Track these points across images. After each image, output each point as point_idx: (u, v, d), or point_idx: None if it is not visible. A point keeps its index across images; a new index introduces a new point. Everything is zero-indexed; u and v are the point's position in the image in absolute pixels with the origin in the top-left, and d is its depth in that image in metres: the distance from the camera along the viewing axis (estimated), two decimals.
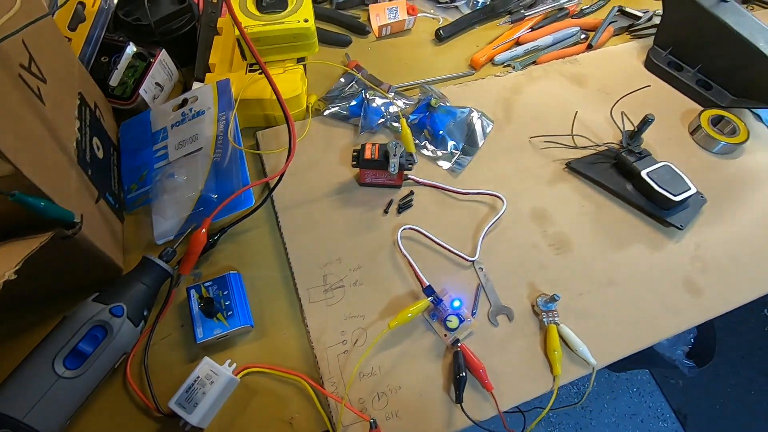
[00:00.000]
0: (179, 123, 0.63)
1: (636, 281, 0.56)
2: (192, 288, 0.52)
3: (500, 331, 0.52)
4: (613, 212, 0.62)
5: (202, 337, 0.49)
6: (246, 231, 0.59)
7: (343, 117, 0.68)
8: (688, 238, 0.60)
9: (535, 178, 0.64)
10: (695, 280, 0.57)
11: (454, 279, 0.55)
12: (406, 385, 0.48)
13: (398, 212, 0.60)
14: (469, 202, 0.61)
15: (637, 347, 0.51)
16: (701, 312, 0.54)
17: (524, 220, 0.60)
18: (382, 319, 0.52)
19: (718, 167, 0.67)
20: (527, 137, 0.68)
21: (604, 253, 0.58)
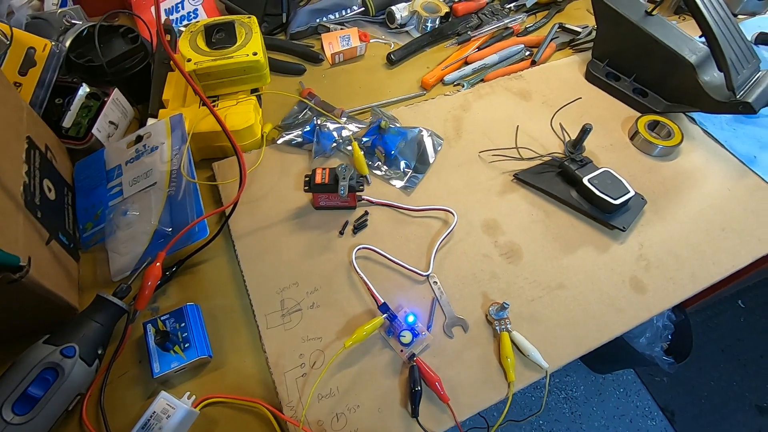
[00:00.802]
0: (133, 159, 0.63)
1: (584, 284, 0.58)
2: (148, 322, 0.52)
3: (456, 343, 0.53)
4: (561, 218, 0.64)
5: (158, 371, 0.49)
6: (203, 261, 0.60)
7: (297, 144, 0.70)
8: (632, 238, 0.63)
9: (486, 190, 0.67)
10: (640, 279, 0.59)
11: (410, 294, 0.57)
12: (364, 404, 0.49)
13: (354, 233, 0.61)
14: (422, 218, 0.63)
15: (587, 348, 0.53)
16: (646, 309, 0.57)
17: (476, 232, 0.62)
18: (340, 339, 0.53)
19: (657, 169, 0.71)
20: (476, 152, 0.71)
21: (553, 259, 0.60)
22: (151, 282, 0.53)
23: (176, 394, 0.49)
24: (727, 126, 0.77)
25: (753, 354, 1.71)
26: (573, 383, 1.61)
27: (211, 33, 0.67)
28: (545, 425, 1.50)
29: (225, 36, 0.67)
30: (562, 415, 1.53)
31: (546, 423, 1.50)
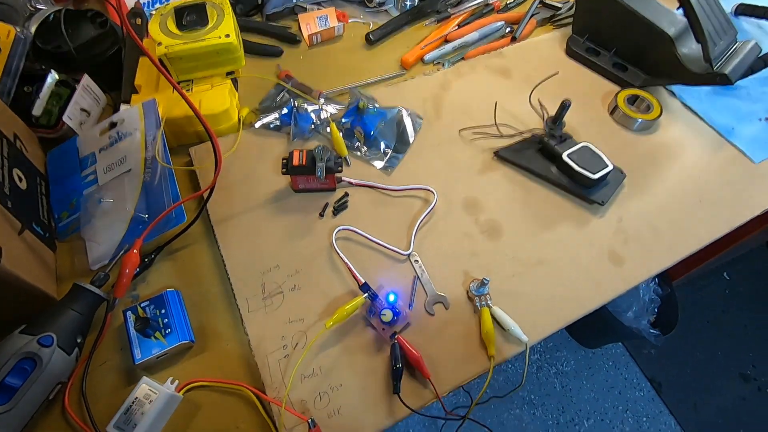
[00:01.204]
0: (107, 147, 0.62)
1: (564, 258, 0.59)
2: (128, 310, 0.52)
3: (437, 320, 0.54)
4: (541, 195, 0.65)
5: (140, 357, 0.49)
6: (183, 248, 0.59)
7: (276, 127, 0.69)
8: (611, 212, 0.63)
9: (466, 169, 0.67)
10: (618, 252, 0.60)
11: (391, 274, 0.57)
12: (347, 383, 0.49)
13: (334, 214, 0.61)
14: (402, 198, 0.63)
15: (566, 321, 0.54)
16: (623, 281, 0.57)
17: (456, 210, 0.63)
18: (322, 320, 0.53)
19: (637, 143, 0.71)
20: (457, 131, 0.70)
21: (533, 235, 0.61)
22: (128, 269, 0.53)
23: (159, 380, 0.49)
24: (705, 98, 0.77)
25: (737, 324, 1.75)
26: (563, 358, 1.64)
27: (181, 15, 0.65)
28: (536, 399, 1.53)
29: (196, 18, 0.65)
30: (553, 390, 1.56)
31: (537, 398, 1.54)
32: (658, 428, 1.52)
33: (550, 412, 1.53)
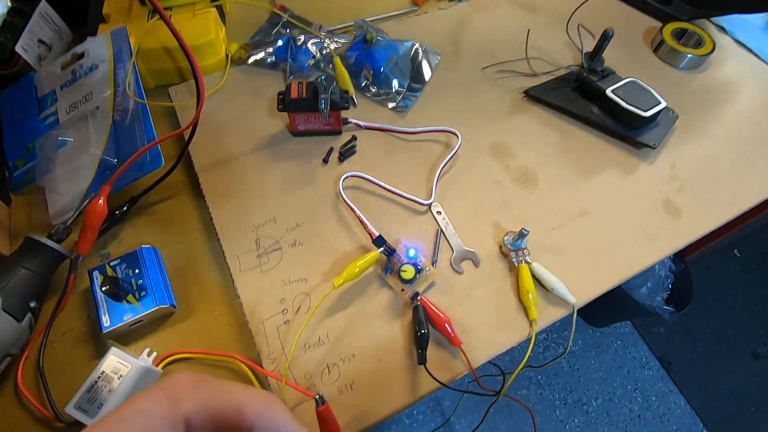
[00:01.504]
0: (70, 83, 0.53)
1: (610, 209, 0.50)
2: (94, 269, 0.43)
3: (465, 279, 0.45)
4: (580, 138, 0.55)
5: (108, 325, 0.40)
6: (163, 201, 0.50)
7: (270, 64, 0.59)
8: (662, 158, 0.54)
9: (492, 111, 0.57)
10: (674, 201, 0.51)
11: (409, 227, 0.48)
12: (360, 353, 0.41)
13: (340, 161, 0.52)
14: (419, 142, 0.54)
15: (619, 279, 0.46)
16: (683, 234, 0.49)
17: (483, 156, 0.53)
18: (328, 280, 0.44)
19: (686, 82, 0.62)
20: (479, 69, 0.61)
21: (573, 183, 0.52)
22: (93, 221, 0.44)
23: (135, 351, 0.41)
24: (761, 35, 0.68)
25: (748, 302, 1.70)
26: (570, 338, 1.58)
27: None
28: (543, 380, 1.48)
29: None
30: (560, 369, 1.51)
31: (544, 378, 1.48)
32: (667, 407, 1.47)
33: (558, 392, 1.47)
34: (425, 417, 1.47)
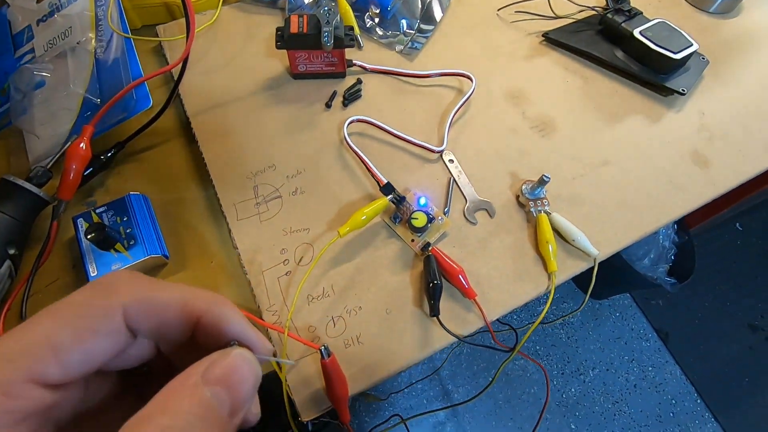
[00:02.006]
0: (46, 17, 0.48)
1: (635, 158, 0.47)
2: (79, 217, 0.40)
3: (480, 230, 0.42)
4: (603, 84, 0.51)
5: (96, 275, 0.37)
6: (153, 146, 0.46)
7: (267, 2, 0.54)
8: (690, 105, 0.50)
9: (508, 55, 0.53)
10: (702, 152, 0.48)
11: (419, 176, 0.45)
12: (367, 305, 0.38)
13: (344, 105, 0.48)
14: (430, 87, 0.50)
15: (644, 231, 0.42)
16: (712, 185, 0.46)
17: (498, 102, 0.50)
18: (332, 230, 0.41)
19: (716, 28, 0.57)
20: (494, 10, 0.56)
21: (595, 131, 0.48)
22: (75, 164, 0.40)
23: None
24: None
25: (748, 275, 1.69)
26: (569, 309, 1.58)
27: None
28: (541, 350, 1.48)
29: None
30: (558, 340, 1.51)
31: (542, 348, 1.48)
32: (663, 377, 1.48)
33: (555, 362, 1.48)
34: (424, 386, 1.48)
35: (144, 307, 0.17)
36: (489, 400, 1.49)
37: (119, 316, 0.17)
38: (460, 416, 1.49)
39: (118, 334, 0.17)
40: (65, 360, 0.16)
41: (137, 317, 0.17)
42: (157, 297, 0.17)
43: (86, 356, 0.16)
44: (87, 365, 0.16)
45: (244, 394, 0.16)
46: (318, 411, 0.34)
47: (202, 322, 0.18)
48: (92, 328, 0.16)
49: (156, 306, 0.17)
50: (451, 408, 1.42)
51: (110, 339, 0.17)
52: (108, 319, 0.16)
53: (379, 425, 0.40)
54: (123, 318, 0.17)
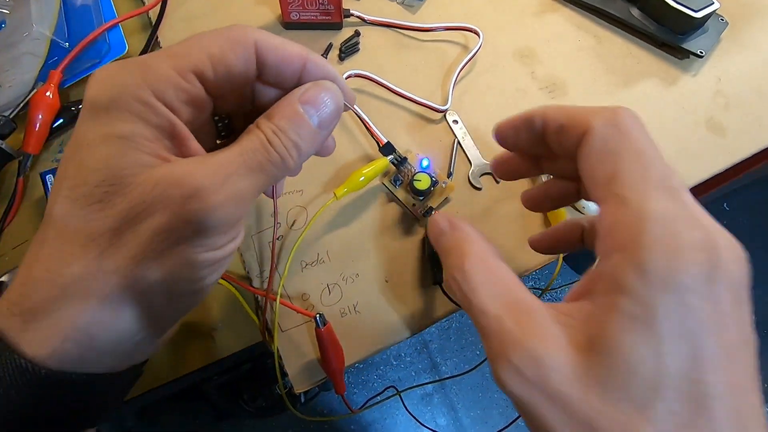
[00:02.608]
0: None
1: (649, 123, 0.42)
2: (48, 173, 0.36)
3: (485, 195, 0.39)
4: (616, 45, 0.48)
5: None
6: None
7: None
8: (707, 70, 0.48)
9: (516, 11, 0.49)
10: (718, 119, 0.45)
11: (421, 137, 0.42)
12: (366, 272, 0.36)
13: (340, 59, 0.44)
14: (433, 42, 0.46)
15: None
16: (728, 154, 0.44)
17: (505, 60, 0.46)
18: (327, 192, 0.38)
19: None
20: None
21: (608, 94, 0.45)
22: (42, 114, 0.36)
23: None
24: None
25: None
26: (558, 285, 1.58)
27: None
28: None
29: None
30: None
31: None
32: None
33: None
34: (413, 359, 1.48)
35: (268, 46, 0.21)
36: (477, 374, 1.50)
37: (252, 47, 0.21)
38: (447, 388, 1.50)
39: (249, 61, 0.21)
40: (215, 66, 0.20)
41: (264, 53, 0.21)
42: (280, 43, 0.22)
43: (227, 69, 0.21)
44: (227, 79, 0.21)
45: (328, 114, 0.22)
46: (312, 382, 0.32)
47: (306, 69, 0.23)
48: (233, 50, 0.20)
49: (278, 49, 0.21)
50: (445, 380, 1.44)
51: (245, 62, 0.21)
52: (244, 46, 0.21)
53: (374, 397, 0.38)
54: (254, 50, 0.21)
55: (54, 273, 0.18)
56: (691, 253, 0.17)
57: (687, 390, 0.17)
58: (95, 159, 0.18)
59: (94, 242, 0.18)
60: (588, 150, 0.20)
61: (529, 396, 0.18)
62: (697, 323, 0.17)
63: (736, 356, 0.17)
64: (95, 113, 0.19)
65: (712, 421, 0.16)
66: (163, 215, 0.18)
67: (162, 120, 0.19)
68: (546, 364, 0.18)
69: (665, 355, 0.17)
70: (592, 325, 0.18)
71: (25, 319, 0.18)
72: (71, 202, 0.18)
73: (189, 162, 0.19)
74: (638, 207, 0.18)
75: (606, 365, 0.17)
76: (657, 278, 0.17)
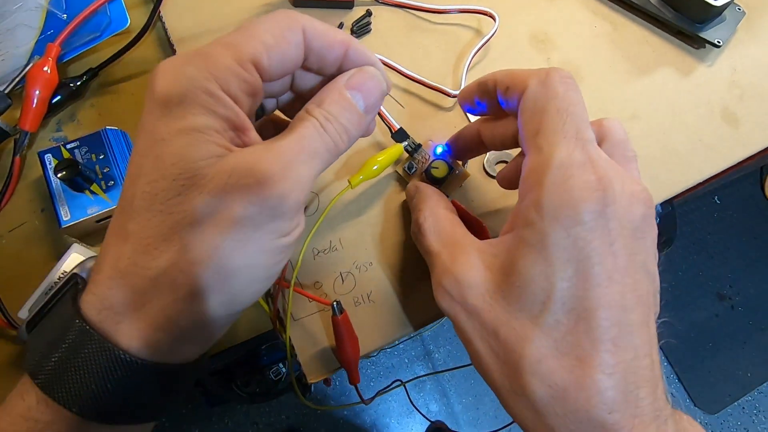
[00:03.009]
0: None
1: (664, 114, 0.44)
2: (47, 152, 0.34)
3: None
4: (633, 32, 0.47)
5: (68, 219, 0.33)
6: (131, 77, 0.41)
7: None
8: (722, 60, 0.47)
9: None
10: (733, 110, 0.45)
11: (433, 123, 0.40)
12: (380, 260, 0.35)
13: None
14: (447, 25, 0.45)
15: (671, 191, 0.40)
16: (742, 146, 0.43)
17: (522, 45, 0.45)
18: (339, 179, 0.37)
19: None
20: None
21: (624, 82, 0.45)
22: (39, 89, 0.34)
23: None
24: None
25: (721, 246, 1.74)
26: None
27: None
28: None
29: None
30: None
31: None
32: None
33: None
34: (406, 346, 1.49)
35: (315, 33, 0.22)
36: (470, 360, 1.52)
37: (302, 34, 0.21)
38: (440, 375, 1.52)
39: (300, 48, 0.22)
40: (270, 54, 0.21)
41: (310, 39, 0.22)
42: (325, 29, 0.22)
43: (282, 57, 0.21)
44: (281, 67, 0.21)
45: (373, 98, 0.24)
46: (325, 372, 0.31)
47: (348, 55, 0.23)
48: (286, 37, 0.21)
49: (323, 35, 0.22)
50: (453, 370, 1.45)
51: (296, 49, 0.22)
52: (295, 33, 0.21)
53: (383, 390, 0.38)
54: (303, 36, 0.22)
55: (142, 267, 0.19)
56: (582, 192, 0.21)
57: (571, 304, 0.20)
58: (171, 153, 0.19)
59: (177, 234, 0.19)
60: (523, 106, 0.23)
61: (454, 311, 0.23)
62: (583, 250, 0.20)
63: (621, 280, 0.21)
64: (167, 107, 0.19)
65: (591, 328, 0.20)
66: (240, 204, 0.19)
67: (228, 111, 0.20)
68: (464, 284, 0.23)
69: (553, 275, 0.21)
70: (506, 253, 0.23)
71: (117, 311, 0.19)
72: (151, 197, 0.19)
73: (255, 150, 0.20)
74: (547, 155, 0.22)
75: (509, 283, 0.22)
76: (550, 213, 0.21)
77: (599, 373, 0.19)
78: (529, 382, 0.20)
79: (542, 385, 0.20)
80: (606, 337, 0.20)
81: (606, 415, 0.19)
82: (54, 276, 0.30)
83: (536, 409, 0.20)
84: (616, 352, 0.20)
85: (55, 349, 0.19)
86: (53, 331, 0.20)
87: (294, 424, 1.34)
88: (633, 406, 0.20)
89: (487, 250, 0.24)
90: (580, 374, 0.20)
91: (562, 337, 0.20)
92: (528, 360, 0.20)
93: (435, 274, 0.25)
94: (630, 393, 0.20)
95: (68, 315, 0.20)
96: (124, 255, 0.19)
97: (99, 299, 0.20)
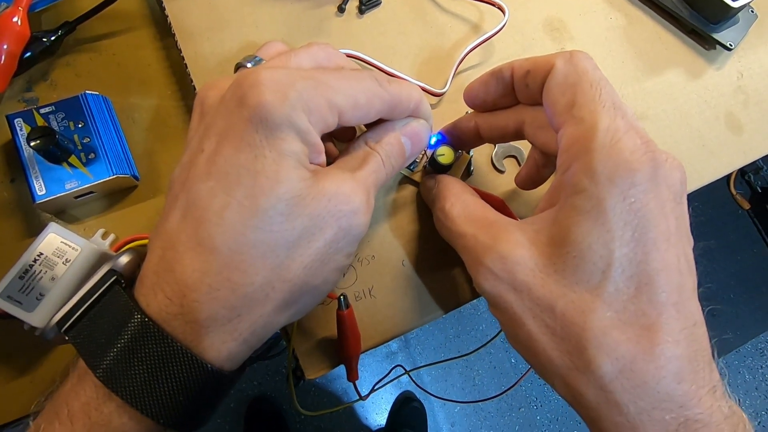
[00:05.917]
0: None
1: (672, 115, 0.43)
2: (17, 116, 0.31)
3: (508, 178, 0.37)
4: (646, 27, 0.46)
5: (44, 194, 0.30)
6: (115, 34, 0.36)
7: None
8: (731, 64, 0.47)
9: None
10: (737, 116, 0.45)
11: (441, 113, 0.38)
12: (383, 254, 0.33)
13: (360, 12, 0.40)
14: (454, 16, 0.42)
15: None
16: (743, 154, 0.43)
17: (536, 33, 0.43)
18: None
19: None
20: None
21: (634, 79, 0.44)
22: (8, 43, 0.30)
23: (84, 231, 0.31)
24: None
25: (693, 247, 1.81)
26: None
27: None
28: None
29: None
30: None
31: None
32: None
33: None
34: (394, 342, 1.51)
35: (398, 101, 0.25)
36: (440, 334, 1.56)
37: (387, 104, 0.24)
38: (411, 347, 1.55)
39: (379, 114, 0.24)
40: (354, 114, 0.23)
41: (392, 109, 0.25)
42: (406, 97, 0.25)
43: (362, 116, 0.23)
44: (355, 123, 0.24)
45: (420, 146, 0.27)
46: (325, 368, 0.30)
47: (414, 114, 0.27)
48: (374, 106, 0.24)
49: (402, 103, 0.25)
50: (456, 360, 1.47)
51: (375, 115, 0.24)
52: (382, 103, 0.24)
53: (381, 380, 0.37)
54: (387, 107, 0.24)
55: (236, 283, 0.20)
56: (634, 154, 0.20)
57: (631, 270, 0.20)
58: (275, 172, 0.20)
59: (273, 252, 0.20)
60: (552, 84, 0.23)
61: (498, 291, 0.22)
62: (640, 213, 0.20)
63: (677, 243, 0.21)
64: (266, 123, 0.20)
65: (654, 293, 0.19)
66: (332, 228, 0.21)
67: (315, 139, 0.21)
68: (511, 260, 0.22)
69: (612, 241, 0.20)
70: (554, 226, 0.22)
71: (204, 326, 0.20)
72: (250, 213, 0.20)
73: (345, 180, 0.22)
74: (590, 124, 0.21)
75: (562, 255, 0.21)
76: (604, 177, 0.20)
77: (666, 342, 0.19)
78: (594, 357, 0.19)
79: (609, 359, 0.19)
80: (669, 301, 0.19)
81: (675, 385, 0.18)
82: (29, 257, 0.27)
83: (602, 385, 0.19)
84: (680, 318, 0.19)
85: (134, 363, 0.20)
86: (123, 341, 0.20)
87: (266, 390, 1.35)
88: (699, 376, 0.19)
89: (527, 228, 0.23)
90: (647, 344, 0.19)
91: (624, 307, 0.19)
92: (592, 333, 0.19)
93: (473, 256, 0.24)
94: (696, 362, 0.19)
95: (142, 329, 0.20)
96: (212, 269, 0.20)
97: (182, 311, 0.20)
